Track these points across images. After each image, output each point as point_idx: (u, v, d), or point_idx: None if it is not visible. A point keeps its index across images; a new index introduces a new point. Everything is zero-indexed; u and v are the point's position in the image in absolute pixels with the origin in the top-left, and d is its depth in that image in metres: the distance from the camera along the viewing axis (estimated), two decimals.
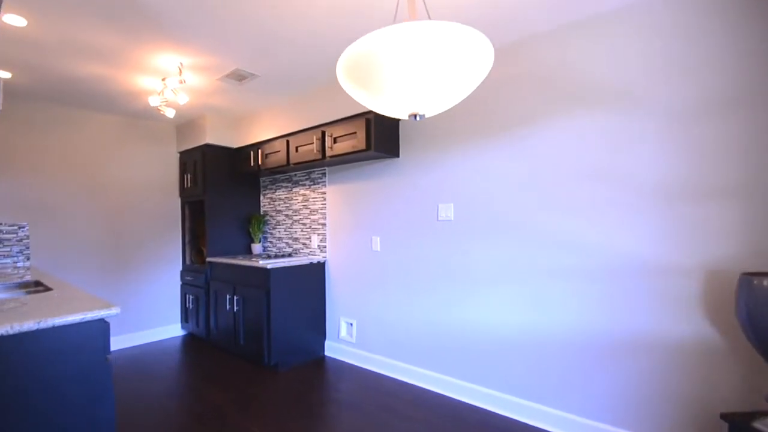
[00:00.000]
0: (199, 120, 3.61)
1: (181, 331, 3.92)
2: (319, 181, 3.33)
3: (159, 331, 3.76)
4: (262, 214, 3.93)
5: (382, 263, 2.82)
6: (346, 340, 3.09)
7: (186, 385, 2.65)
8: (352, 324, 3.04)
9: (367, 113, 2.57)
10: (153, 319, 3.73)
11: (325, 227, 3.27)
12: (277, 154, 3.22)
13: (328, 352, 3.22)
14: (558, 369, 1.99)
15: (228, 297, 3.20)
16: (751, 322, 1.30)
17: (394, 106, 0.99)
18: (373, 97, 0.99)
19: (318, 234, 3.33)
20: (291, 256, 3.33)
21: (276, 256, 3.28)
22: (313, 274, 3.18)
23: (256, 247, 3.72)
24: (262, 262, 2.88)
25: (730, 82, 1.54)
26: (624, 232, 1.79)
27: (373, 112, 2.53)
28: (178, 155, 3.95)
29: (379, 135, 2.58)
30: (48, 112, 3.16)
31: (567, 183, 1.96)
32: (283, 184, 3.68)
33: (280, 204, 3.72)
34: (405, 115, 1.03)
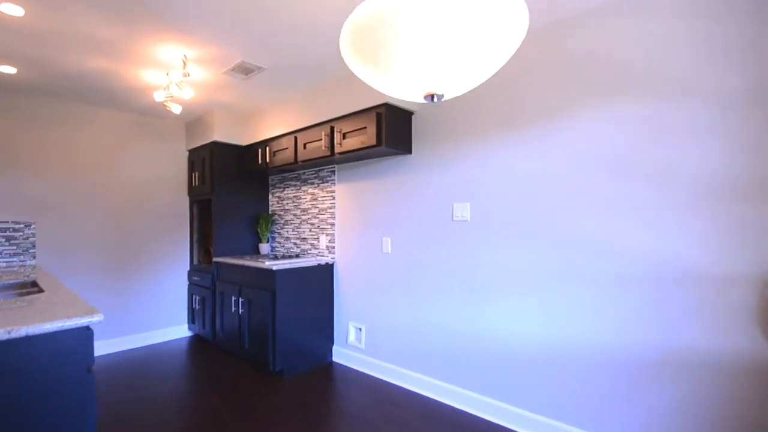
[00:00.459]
0: (207, 117, 3.53)
1: (188, 332, 3.84)
2: (328, 179, 3.19)
3: (166, 332, 3.68)
4: (270, 213, 3.82)
5: (393, 266, 2.67)
6: (354, 346, 2.94)
7: (187, 390, 2.55)
8: (360, 329, 2.90)
9: (377, 107, 2.42)
10: (160, 319, 3.66)
11: (333, 227, 3.14)
12: (284, 152, 3.10)
13: (336, 358, 3.08)
14: (593, 388, 1.80)
15: (233, 299, 3.10)
16: None
17: (408, 84, 0.84)
18: (383, 74, 0.84)
19: (326, 234, 3.20)
20: (298, 256, 3.20)
21: (283, 257, 3.16)
22: (321, 276, 3.04)
23: (264, 248, 3.61)
24: (267, 263, 2.76)
25: None
26: (669, 235, 1.59)
27: (385, 105, 2.38)
28: (186, 153, 3.88)
29: (391, 130, 2.43)
30: (53, 108, 3.11)
31: (603, 180, 1.77)
32: (292, 183, 3.57)
33: (288, 203, 3.61)
34: (420, 96, 0.88)
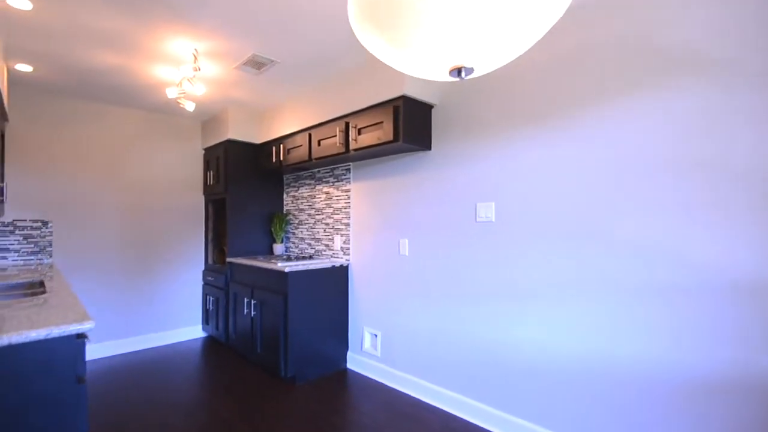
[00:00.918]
0: (221, 115, 3.48)
1: (202, 333, 3.80)
2: (343, 177, 3.07)
3: (180, 332, 3.65)
4: (284, 213, 3.74)
5: (410, 269, 2.52)
6: (369, 353, 2.81)
7: (196, 393, 2.47)
8: (376, 335, 2.76)
9: (394, 100, 2.27)
10: (174, 319, 3.63)
11: (348, 228, 3.01)
12: (299, 149, 3.00)
13: (350, 365, 2.95)
14: (644, 414, 1.61)
15: (246, 300, 3.02)
16: None
17: (431, 57, 0.70)
18: (401, 46, 0.70)
19: (341, 235, 3.08)
20: (312, 258, 3.10)
21: (296, 258, 3.06)
22: (335, 278, 2.92)
23: (278, 248, 3.53)
24: (279, 265, 2.66)
25: None
26: (733, 238, 1.38)
27: (402, 98, 2.23)
28: (202, 152, 3.85)
29: (409, 125, 2.28)
30: (70, 107, 3.10)
31: (651, 177, 1.57)
32: (306, 182, 3.47)
33: (302, 202, 3.51)
34: (445, 71, 0.73)
